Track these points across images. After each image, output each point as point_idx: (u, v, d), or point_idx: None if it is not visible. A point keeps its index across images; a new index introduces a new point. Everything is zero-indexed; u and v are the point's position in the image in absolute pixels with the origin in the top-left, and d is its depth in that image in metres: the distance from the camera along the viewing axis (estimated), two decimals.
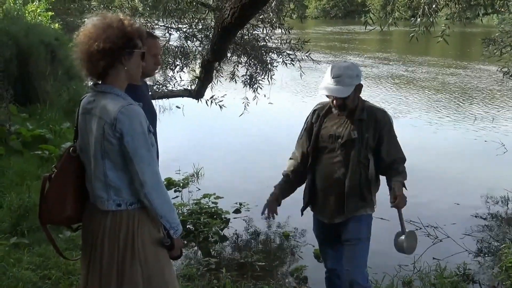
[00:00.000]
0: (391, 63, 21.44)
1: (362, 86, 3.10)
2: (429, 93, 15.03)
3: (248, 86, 6.46)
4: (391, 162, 3.08)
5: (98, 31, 2.11)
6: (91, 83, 2.28)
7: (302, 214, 3.36)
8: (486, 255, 5.07)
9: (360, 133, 3.01)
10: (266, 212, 3.25)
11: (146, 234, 2.21)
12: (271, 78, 6.39)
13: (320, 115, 3.17)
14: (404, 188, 3.07)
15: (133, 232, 2.17)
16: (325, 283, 3.53)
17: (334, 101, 3.03)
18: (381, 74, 18.45)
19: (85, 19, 2.22)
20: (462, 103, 13.55)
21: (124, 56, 2.16)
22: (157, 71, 3.27)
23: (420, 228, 5.53)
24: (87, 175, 2.25)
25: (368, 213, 3.15)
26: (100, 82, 2.22)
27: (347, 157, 3.03)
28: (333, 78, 3.00)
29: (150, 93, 6.83)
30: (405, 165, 3.13)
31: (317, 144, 3.14)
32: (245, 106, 6.76)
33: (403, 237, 3.14)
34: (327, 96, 3.09)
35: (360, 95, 3.14)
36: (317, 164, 3.16)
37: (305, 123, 3.27)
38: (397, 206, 3.04)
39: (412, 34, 4.18)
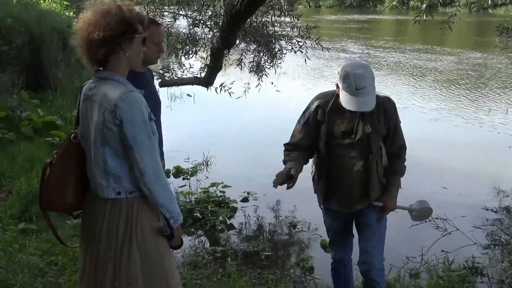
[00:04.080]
0: (404, 52, 21.17)
1: None
2: (443, 83, 14.82)
3: (254, 73, 6.41)
4: (395, 150, 3.09)
5: (98, 17, 2.09)
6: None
7: (321, 207, 3.30)
8: (496, 249, 5.00)
9: (373, 126, 2.96)
10: (276, 181, 3.04)
11: (145, 223, 2.20)
12: (277, 66, 6.33)
13: (325, 112, 3.03)
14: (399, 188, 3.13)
15: (132, 221, 2.16)
16: (331, 275, 3.51)
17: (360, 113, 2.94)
18: (394, 62, 18.24)
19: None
20: (476, 94, 13.34)
21: (124, 42, 2.14)
22: (160, 58, 3.22)
23: (430, 220, 5.46)
24: (87, 162, 2.24)
25: None
26: (101, 69, 2.20)
27: (364, 150, 2.99)
28: (357, 90, 2.81)
29: (159, 80, 6.87)
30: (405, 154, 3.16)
31: (329, 141, 3.05)
32: (245, 90, 6.74)
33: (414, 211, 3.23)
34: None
35: None
36: (332, 159, 3.07)
37: (305, 117, 3.10)
38: (383, 212, 3.12)
39: (415, 18, 4.12)
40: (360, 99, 2.83)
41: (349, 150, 3.02)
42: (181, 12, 6.25)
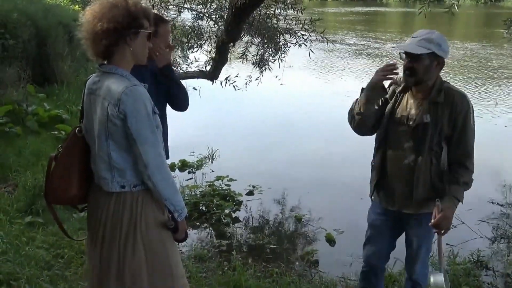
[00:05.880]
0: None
1: (443, 62, 2.77)
2: (448, 75, 14.71)
3: (258, 67, 6.39)
4: (459, 156, 2.79)
5: (104, 10, 2.10)
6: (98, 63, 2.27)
7: (372, 199, 3.10)
8: (501, 242, 4.99)
9: (434, 118, 2.72)
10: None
11: (150, 216, 2.21)
12: (281, 60, 6.31)
13: (395, 91, 2.87)
14: (460, 202, 2.75)
15: (136, 214, 2.18)
16: (360, 277, 3.28)
17: (404, 63, 2.74)
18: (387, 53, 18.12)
19: None
20: (483, 86, 13.24)
21: (129, 36, 2.14)
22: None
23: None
24: (92, 156, 2.25)
25: None
26: (105, 62, 2.21)
27: (418, 142, 2.75)
28: (411, 37, 2.73)
29: None
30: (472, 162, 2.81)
31: (389, 125, 2.85)
32: (246, 82, 6.73)
33: (441, 277, 2.72)
34: (401, 58, 2.78)
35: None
36: (387, 146, 2.88)
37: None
38: (435, 226, 2.71)
39: (420, 9, 4.09)
40: (408, 44, 2.72)
41: (403, 139, 2.81)
42: (186, 5, 6.23)
